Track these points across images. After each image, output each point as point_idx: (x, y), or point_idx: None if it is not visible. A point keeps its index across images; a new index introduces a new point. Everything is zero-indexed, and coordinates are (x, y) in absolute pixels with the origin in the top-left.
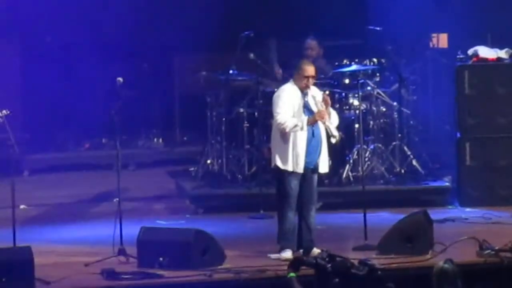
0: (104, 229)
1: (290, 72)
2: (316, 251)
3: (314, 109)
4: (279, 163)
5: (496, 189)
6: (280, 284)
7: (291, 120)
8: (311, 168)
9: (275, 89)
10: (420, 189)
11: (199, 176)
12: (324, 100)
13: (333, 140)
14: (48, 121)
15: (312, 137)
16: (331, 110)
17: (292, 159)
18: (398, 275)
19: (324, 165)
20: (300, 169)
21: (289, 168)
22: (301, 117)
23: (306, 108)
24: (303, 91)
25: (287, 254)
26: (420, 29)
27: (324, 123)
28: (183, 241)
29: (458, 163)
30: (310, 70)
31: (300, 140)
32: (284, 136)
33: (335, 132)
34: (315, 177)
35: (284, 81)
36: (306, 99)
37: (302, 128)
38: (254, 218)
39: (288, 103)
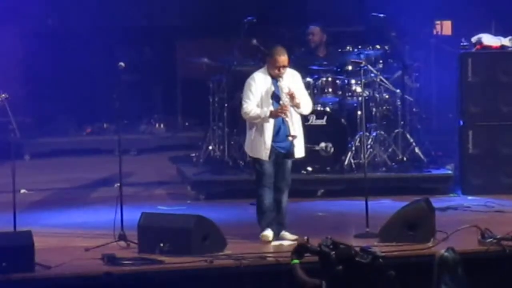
0: (104, 214)
1: (292, 59)
2: (287, 234)
3: (283, 98)
4: (248, 150)
5: (499, 177)
6: (281, 270)
7: (255, 111)
8: (283, 153)
9: None
10: (422, 177)
11: (201, 162)
12: (289, 94)
13: (289, 138)
14: (49, 106)
15: (282, 124)
16: (306, 97)
17: (258, 146)
18: (400, 263)
19: (298, 151)
20: (266, 156)
21: (256, 155)
22: (268, 107)
23: (275, 96)
24: (275, 78)
25: (269, 232)
26: (424, 16)
27: (285, 118)
28: (184, 227)
29: (461, 151)
30: (282, 60)
31: (267, 128)
32: (252, 124)
33: (292, 132)
34: (289, 162)
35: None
36: (276, 87)
37: (264, 120)
38: (255, 205)
39: (257, 92)
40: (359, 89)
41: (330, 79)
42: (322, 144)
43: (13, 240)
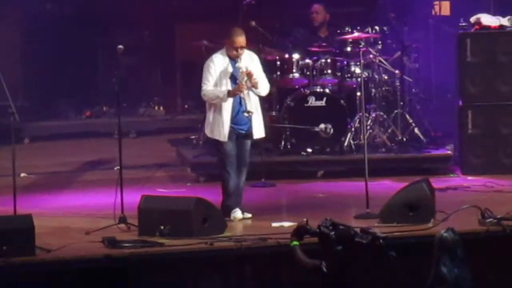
0: (105, 197)
1: (291, 40)
2: (238, 212)
3: (240, 78)
4: (207, 131)
5: (498, 157)
6: (282, 252)
7: (213, 92)
8: (242, 134)
9: (277, 57)
10: (422, 157)
11: (200, 144)
12: (247, 72)
13: (245, 114)
14: (48, 89)
15: (240, 105)
16: (261, 78)
17: (219, 128)
18: (400, 244)
19: (257, 131)
20: (224, 137)
21: (215, 136)
22: (226, 88)
23: (233, 77)
24: (233, 59)
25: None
26: None
27: (242, 96)
28: (184, 210)
29: (460, 131)
30: (239, 41)
31: (225, 109)
32: (211, 105)
33: (249, 108)
34: (248, 142)
35: (285, 49)
36: (234, 68)
37: (222, 100)
38: (255, 186)
39: (216, 73)
40: (358, 70)
41: (329, 60)
42: (322, 125)
43: (14, 224)
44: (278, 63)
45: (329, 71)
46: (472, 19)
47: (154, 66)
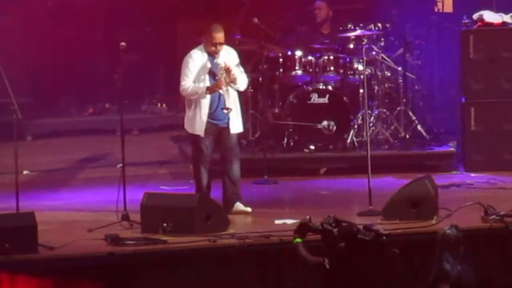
0: (107, 195)
1: (294, 37)
2: (241, 206)
3: (219, 74)
4: (186, 126)
5: (501, 154)
6: (285, 249)
7: (192, 88)
8: (221, 128)
9: (279, 54)
10: (424, 154)
11: None
12: (225, 68)
13: (224, 111)
14: (51, 86)
15: (218, 100)
16: (240, 74)
17: (196, 123)
18: (403, 241)
19: (235, 126)
20: (202, 132)
21: (194, 131)
22: (204, 84)
23: (212, 73)
24: (212, 55)
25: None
26: None
27: (221, 93)
28: (186, 207)
29: (463, 128)
30: (218, 37)
31: (203, 105)
32: (190, 101)
33: (228, 104)
34: (233, 135)
35: (288, 46)
36: (213, 64)
37: (201, 96)
38: (258, 183)
39: (194, 69)
40: (361, 67)
41: (332, 57)
42: (325, 123)
43: (16, 221)
44: (281, 60)
45: (332, 68)
46: (475, 16)
47: (157, 63)
